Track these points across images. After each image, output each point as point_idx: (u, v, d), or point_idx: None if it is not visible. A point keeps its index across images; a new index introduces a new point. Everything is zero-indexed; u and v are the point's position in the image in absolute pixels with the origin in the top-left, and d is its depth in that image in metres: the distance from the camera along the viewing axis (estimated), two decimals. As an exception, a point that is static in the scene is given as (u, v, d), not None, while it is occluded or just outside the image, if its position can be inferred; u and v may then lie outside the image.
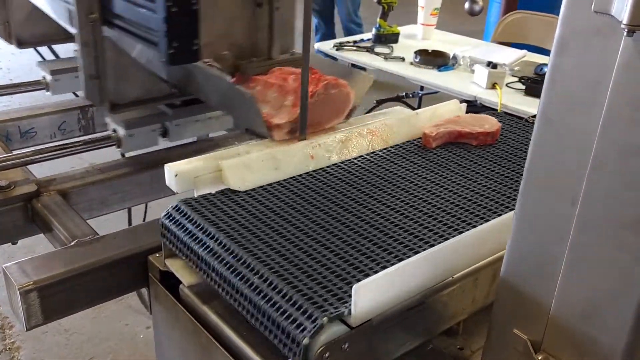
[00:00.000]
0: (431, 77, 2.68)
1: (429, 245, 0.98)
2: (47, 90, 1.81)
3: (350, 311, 0.83)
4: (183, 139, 1.61)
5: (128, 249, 1.17)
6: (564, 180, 0.71)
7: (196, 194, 1.13)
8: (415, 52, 2.82)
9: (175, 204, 1.08)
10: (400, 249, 0.98)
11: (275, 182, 1.17)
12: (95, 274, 1.13)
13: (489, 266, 1.00)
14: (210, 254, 0.98)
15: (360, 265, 0.93)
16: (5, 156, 1.41)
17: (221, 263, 0.95)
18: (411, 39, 3.22)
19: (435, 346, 1.04)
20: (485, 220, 1.06)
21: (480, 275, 0.99)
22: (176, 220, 1.06)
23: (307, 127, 1.25)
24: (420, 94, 3.16)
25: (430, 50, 2.85)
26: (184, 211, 1.06)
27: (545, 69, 0.71)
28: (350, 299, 0.84)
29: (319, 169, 1.23)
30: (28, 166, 1.46)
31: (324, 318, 0.81)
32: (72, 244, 1.19)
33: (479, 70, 2.53)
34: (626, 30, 0.60)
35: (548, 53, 0.70)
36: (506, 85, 2.49)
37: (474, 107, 2.33)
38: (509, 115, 1.63)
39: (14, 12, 1.75)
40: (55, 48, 2.04)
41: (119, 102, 1.46)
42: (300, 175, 1.20)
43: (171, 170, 1.12)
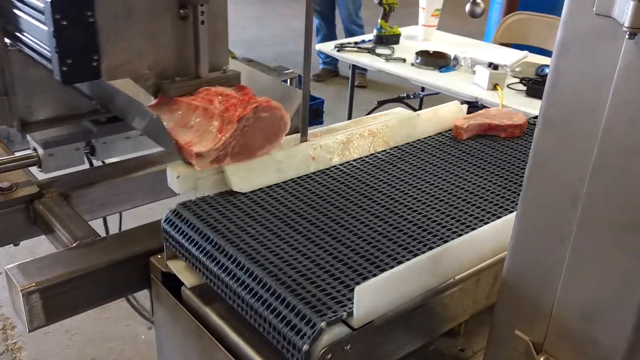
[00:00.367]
0: (432, 78, 2.68)
1: (429, 248, 0.98)
2: None
3: (350, 314, 0.83)
4: (113, 157, 1.52)
5: (130, 250, 1.17)
6: (566, 182, 0.71)
7: (197, 196, 1.13)
8: (416, 53, 2.82)
9: (174, 208, 1.08)
10: (399, 251, 0.98)
11: (275, 185, 1.17)
12: (97, 275, 1.14)
13: (490, 267, 1.00)
14: (209, 258, 0.98)
15: (359, 268, 0.93)
16: (7, 158, 1.42)
17: (220, 268, 0.96)
18: (412, 40, 3.22)
19: (437, 347, 1.05)
20: (486, 222, 1.06)
21: (482, 276, 1.00)
22: (175, 224, 1.06)
23: (236, 155, 1.13)
24: (421, 95, 3.16)
25: (431, 52, 2.85)
26: (183, 215, 1.06)
27: (547, 70, 0.71)
28: (350, 302, 0.84)
29: (319, 171, 1.23)
30: (29, 168, 1.46)
31: (323, 323, 0.81)
32: (74, 245, 1.19)
33: (480, 71, 2.53)
34: (628, 33, 0.60)
35: (549, 54, 0.70)
36: (507, 86, 2.49)
37: (475, 108, 2.33)
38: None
39: None
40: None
41: (31, 120, 1.36)
42: (300, 177, 1.20)
43: (173, 172, 1.12)
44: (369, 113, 2.05)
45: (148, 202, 1.59)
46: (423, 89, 3.04)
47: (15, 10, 1.25)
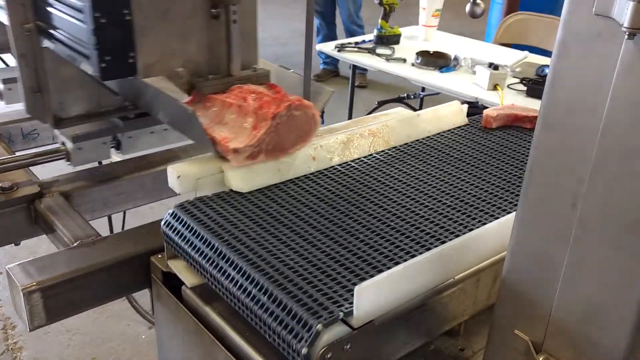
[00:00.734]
0: (432, 79, 2.68)
1: (428, 249, 0.98)
2: (1, 99, 1.75)
3: (347, 313, 0.83)
4: (137, 151, 1.56)
5: (130, 250, 1.17)
6: (565, 182, 0.72)
7: (198, 196, 1.13)
8: (417, 54, 2.82)
9: (171, 210, 1.08)
10: (397, 252, 0.98)
11: (273, 186, 1.17)
12: (97, 274, 1.14)
13: (490, 267, 1.00)
14: (207, 261, 0.98)
15: (356, 269, 0.94)
16: (8, 158, 1.42)
17: (218, 271, 0.96)
18: (412, 40, 3.22)
19: (437, 347, 1.05)
20: (485, 222, 1.06)
21: (482, 276, 1.00)
22: (173, 225, 1.06)
23: (270, 152, 1.15)
24: (421, 95, 3.16)
25: (431, 52, 2.85)
26: (180, 217, 1.06)
27: (547, 70, 0.72)
28: (347, 302, 0.84)
29: (319, 172, 1.23)
30: (30, 167, 1.46)
31: (319, 325, 0.81)
32: (75, 245, 1.20)
33: (480, 71, 2.53)
34: (627, 33, 0.60)
35: (549, 54, 0.70)
36: (507, 86, 2.50)
37: (475, 109, 2.33)
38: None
39: None
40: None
41: (64, 117, 1.40)
42: (298, 178, 1.20)
43: (174, 172, 1.12)
44: (370, 113, 2.05)
45: (149, 202, 1.60)
46: (423, 89, 3.04)
47: (50, 9, 1.28)
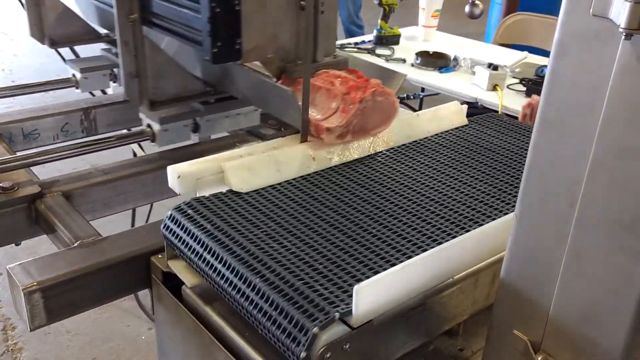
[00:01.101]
0: (432, 79, 2.68)
1: (429, 247, 0.98)
2: (77, 88, 1.88)
3: (344, 313, 0.83)
4: (213, 134, 1.67)
5: (131, 250, 1.18)
6: (563, 182, 0.72)
7: (198, 196, 1.13)
8: (416, 54, 2.83)
9: (169, 213, 1.08)
10: (392, 253, 0.98)
11: (271, 187, 1.17)
12: (98, 274, 1.14)
13: (489, 267, 1.00)
14: (204, 263, 0.99)
15: (354, 271, 0.94)
16: (9, 157, 1.42)
17: (215, 272, 0.96)
18: (412, 41, 3.23)
19: (436, 347, 1.05)
20: (485, 222, 1.07)
21: (481, 276, 1.00)
22: (170, 228, 1.07)
23: (356, 133, 1.29)
24: (421, 96, 3.17)
25: (431, 52, 2.85)
26: (177, 218, 1.06)
27: (546, 71, 0.72)
28: (343, 303, 0.84)
29: (317, 173, 1.24)
30: (31, 167, 1.47)
31: (315, 328, 0.81)
32: (76, 245, 1.20)
33: (479, 71, 2.54)
34: (624, 33, 0.60)
35: (549, 54, 0.70)
36: (507, 86, 2.50)
37: (475, 109, 2.34)
38: (510, 117, 1.63)
39: (47, 13, 1.79)
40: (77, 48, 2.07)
41: (157, 100, 1.51)
42: (297, 180, 1.21)
43: (174, 172, 1.13)
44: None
45: (150, 202, 1.60)
46: (423, 89, 3.04)
47: (158, 1, 1.40)
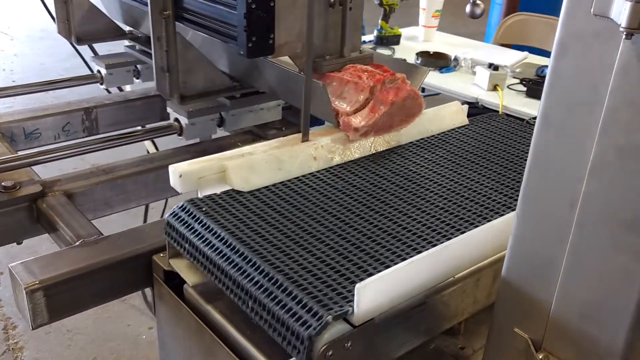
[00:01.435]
0: (432, 79, 2.68)
1: (431, 245, 0.99)
2: (102, 84, 1.93)
3: (353, 310, 0.84)
4: (238, 127, 1.70)
5: (132, 249, 1.18)
6: (564, 181, 0.72)
7: (200, 195, 1.14)
8: (417, 54, 2.83)
9: (181, 204, 1.09)
10: (403, 248, 0.99)
11: (279, 183, 1.18)
12: (100, 273, 1.14)
13: (490, 266, 1.01)
14: (215, 252, 0.99)
15: (364, 265, 0.94)
16: (11, 157, 1.42)
17: (226, 261, 0.96)
18: (412, 41, 3.22)
19: (437, 345, 1.05)
20: (486, 221, 1.07)
21: (482, 275, 1.00)
22: (183, 219, 1.07)
23: (379, 131, 1.33)
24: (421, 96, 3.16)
25: (431, 52, 2.85)
26: (191, 210, 1.07)
27: (546, 71, 0.72)
28: (354, 298, 0.85)
29: (322, 169, 1.24)
30: (32, 167, 1.47)
31: (329, 317, 0.82)
32: (77, 244, 1.20)
33: (480, 72, 2.54)
34: (625, 33, 0.61)
35: (549, 55, 0.71)
36: (507, 87, 2.50)
37: (475, 109, 2.34)
38: (510, 117, 1.64)
39: (74, 11, 1.83)
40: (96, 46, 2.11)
41: (187, 94, 1.54)
42: (304, 175, 1.21)
43: (176, 171, 1.13)
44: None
45: (151, 201, 1.60)
46: (423, 89, 3.04)
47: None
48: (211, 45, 1.62)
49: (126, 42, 1.99)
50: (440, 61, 2.79)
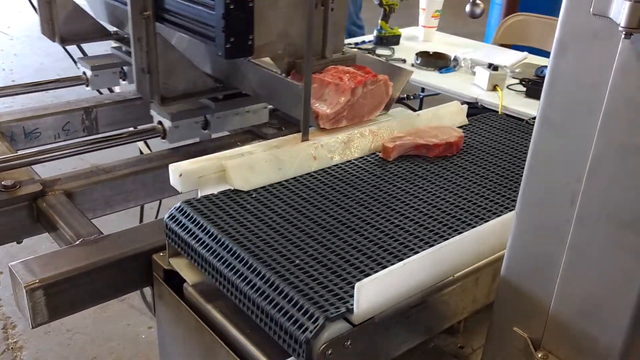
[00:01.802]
0: (432, 79, 2.68)
1: (429, 245, 0.99)
2: (87, 85, 1.91)
3: (351, 310, 0.84)
4: (223, 131, 1.68)
5: (132, 248, 1.18)
6: (563, 180, 0.73)
7: (200, 194, 1.14)
8: (417, 54, 2.83)
9: (178, 205, 1.09)
10: (400, 249, 0.99)
11: (276, 182, 1.18)
12: (100, 272, 1.14)
13: (489, 265, 1.01)
14: (212, 254, 0.99)
15: (361, 265, 0.95)
16: (11, 156, 1.43)
17: (223, 264, 0.97)
18: (412, 41, 3.23)
19: (437, 344, 1.05)
20: (485, 221, 1.07)
21: (481, 274, 1.01)
22: (179, 220, 1.07)
23: (351, 119, 1.34)
24: (421, 96, 3.17)
25: (431, 52, 2.85)
26: (187, 212, 1.07)
27: (546, 71, 0.73)
28: (351, 299, 0.85)
29: (321, 169, 1.24)
30: (32, 166, 1.47)
31: (324, 318, 0.82)
32: (77, 243, 1.20)
33: (480, 72, 2.54)
34: (624, 32, 0.61)
35: (549, 55, 0.71)
36: (507, 87, 2.50)
37: (475, 109, 2.34)
38: (510, 117, 1.64)
39: (57, 11, 1.81)
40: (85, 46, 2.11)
41: (168, 96, 1.52)
42: (302, 176, 1.21)
43: (175, 171, 1.13)
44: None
45: (151, 201, 1.60)
46: (423, 89, 3.04)
47: None
48: (197, 47, 1.60)
49: (113, 44, 1.97)
50: (440, 61, 2.79)
